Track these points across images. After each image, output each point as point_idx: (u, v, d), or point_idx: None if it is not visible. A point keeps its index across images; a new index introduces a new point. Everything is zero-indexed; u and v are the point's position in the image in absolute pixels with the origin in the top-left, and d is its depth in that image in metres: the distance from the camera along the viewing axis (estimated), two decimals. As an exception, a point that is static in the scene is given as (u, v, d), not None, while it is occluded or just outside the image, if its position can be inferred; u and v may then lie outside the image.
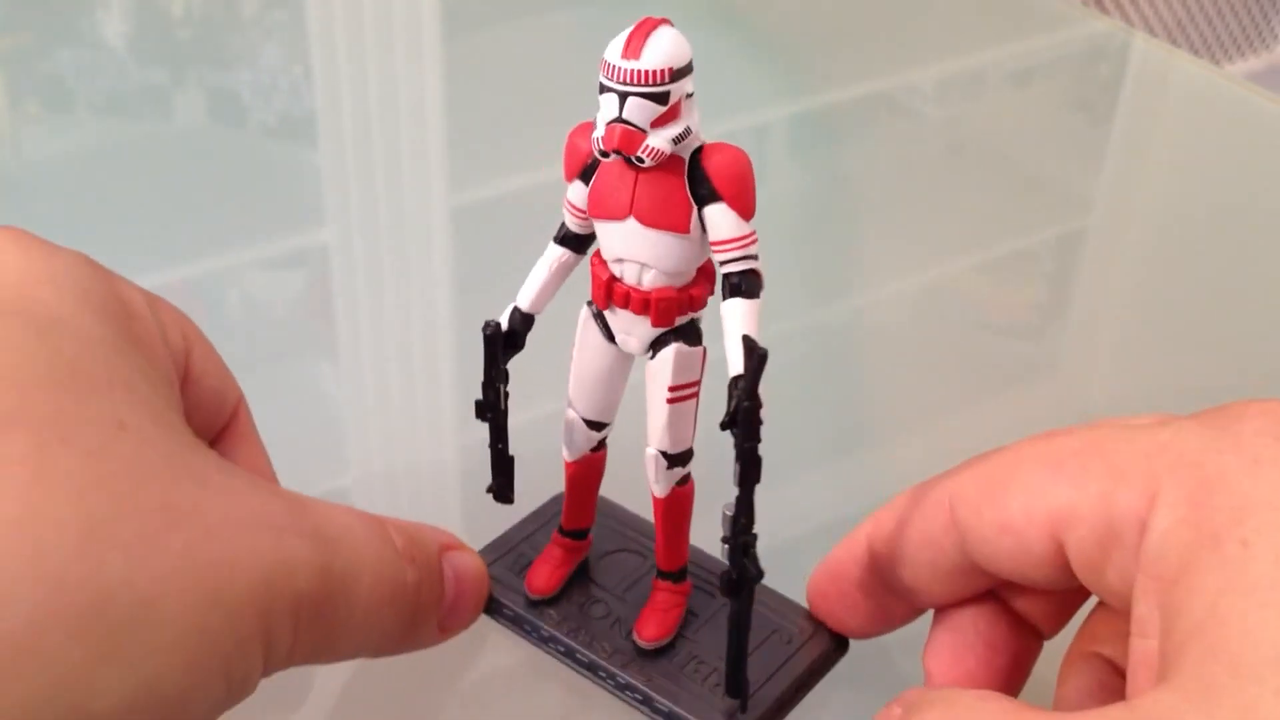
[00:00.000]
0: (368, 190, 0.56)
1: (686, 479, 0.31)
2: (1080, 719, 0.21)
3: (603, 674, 0.31)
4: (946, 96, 0.67)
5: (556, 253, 0.30)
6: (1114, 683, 0.26)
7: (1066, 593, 0.27)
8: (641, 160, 0.26)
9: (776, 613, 0.32)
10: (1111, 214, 0.58)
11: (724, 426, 0.26)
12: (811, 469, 0.42)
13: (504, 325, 0.30)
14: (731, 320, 0.27)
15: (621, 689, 0.31)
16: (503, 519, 0.35)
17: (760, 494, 0.27)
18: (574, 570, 0.33)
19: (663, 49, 0.26)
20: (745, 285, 0.27)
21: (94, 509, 0.22)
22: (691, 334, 0.29)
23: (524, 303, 0.30)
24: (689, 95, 0.27)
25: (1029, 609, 0.27)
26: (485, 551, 0.33)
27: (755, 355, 0.26)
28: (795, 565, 0.32)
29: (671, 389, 0.29)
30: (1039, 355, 0.50)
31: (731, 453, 0.27)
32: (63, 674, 0.21)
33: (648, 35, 0.26)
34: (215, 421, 0.30)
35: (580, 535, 0.33)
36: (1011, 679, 0.27)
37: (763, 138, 0.63)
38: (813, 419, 0.44)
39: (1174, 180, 0.60)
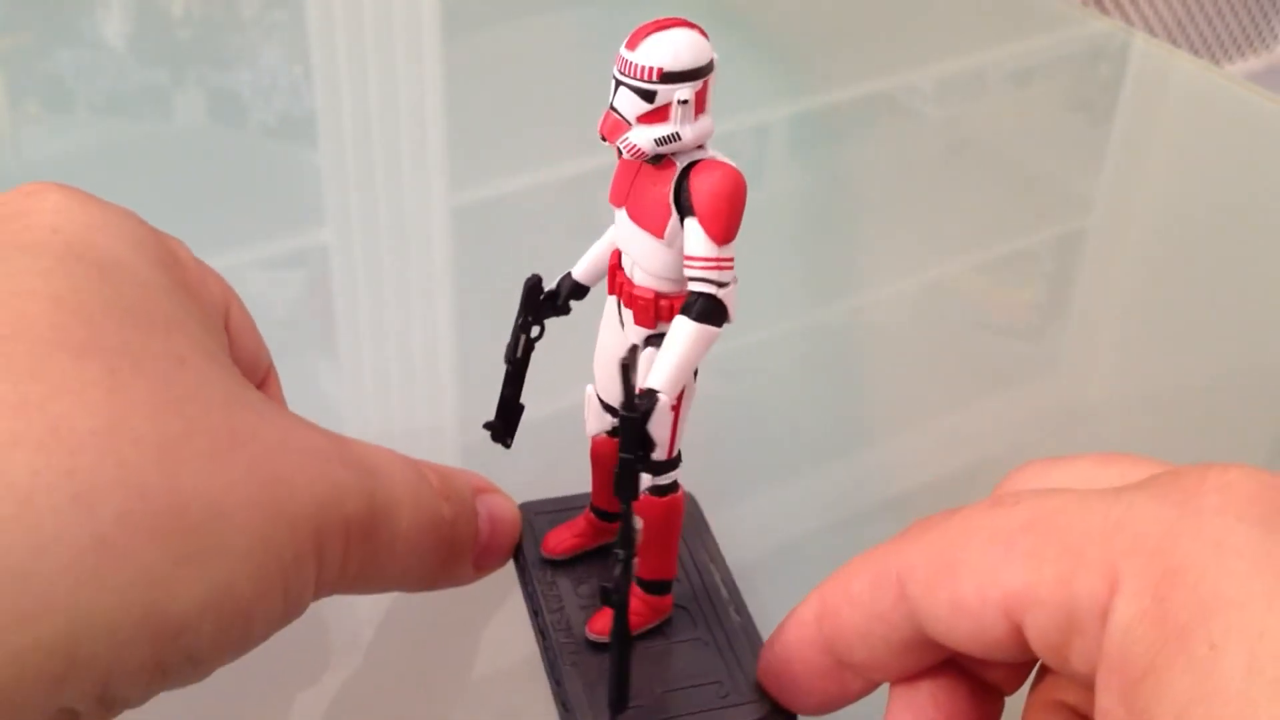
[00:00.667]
0: (368, 190, 0.56)
1: (667, 490, 0.30)
2: None
3: (547, 648, 0.32)
4: (946, 96, 0.67)
5: (612, 231, 0.30)
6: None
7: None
8: (620, 151, 0.27)
9: (735, 663, 0.31)
10: (1111, 214, 0.58)
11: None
12: (811, 469, 0.42)
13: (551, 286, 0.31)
14: (668, 338, 0.27)
15: (551, 666, 0.31)
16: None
17: (760, 494, 0.27)
18: (593, 547, 0.34)
19: (661, 49, 0.26)
20: (697, 308, 0.27)
21: (167, 427, 0.23)
22: None
23: (575, 271, 0.31)
24: (684, 102, 0.26)
25: (988, 673, 0.27)
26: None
27: (628, 367, 0.27)
28: (795, 565, 0.32)
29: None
30: (1039, 355, 0.50)
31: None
32: (145, 573, 0.22)
33: (654, 31, 0.26)
34: (251, 379, 0.31)
35: (605, 516, 0.33)
36: None
37: (763, 138, 0.63)
38: (812, 419, 0.44)
39: (1174, 180, 0.60)
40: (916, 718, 0.26)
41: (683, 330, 0.27)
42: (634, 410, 0.26)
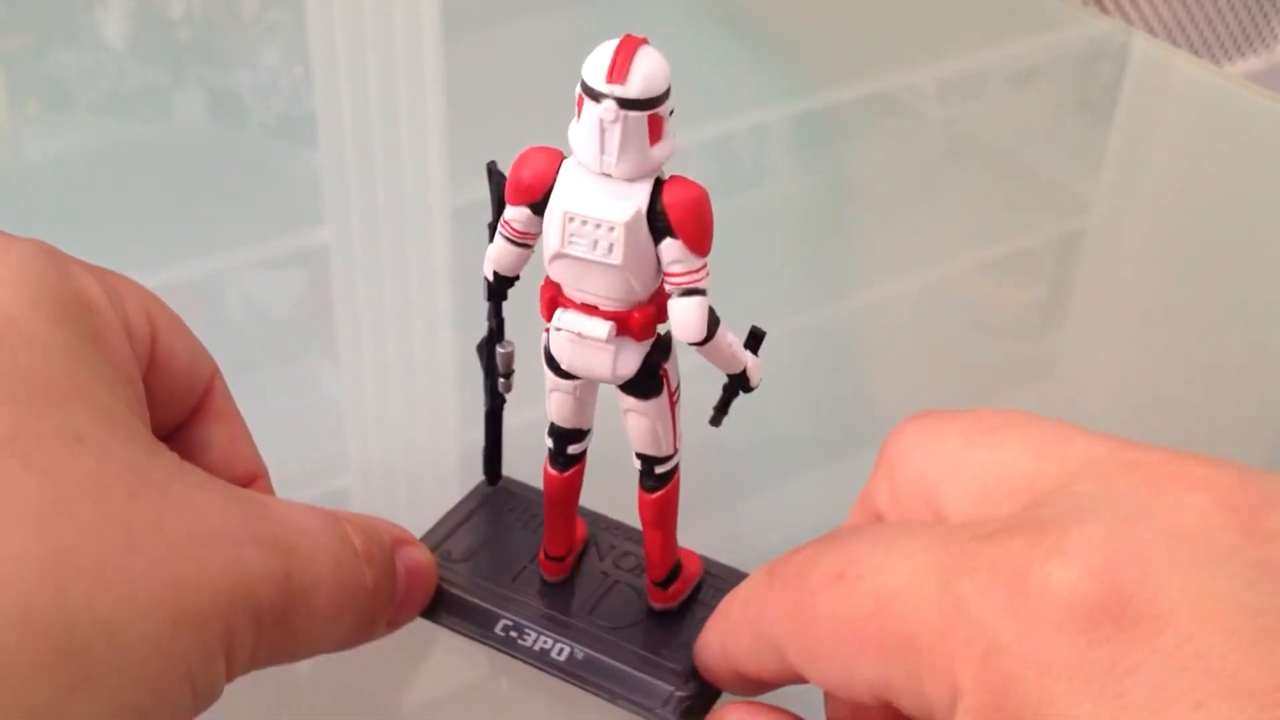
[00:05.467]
0: (367, 190, 0.56)
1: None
2: None
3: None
4: (946, 96, 0.67)
5: None
6: None
7: None
8: None
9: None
10: (1111, 214, 0.58)
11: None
12: (811, 469, 0.42)
13: None
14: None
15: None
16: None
17: (760, 493, 0.27)
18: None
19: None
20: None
21: (55, 536, 0.22)
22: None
23: None
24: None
25: None
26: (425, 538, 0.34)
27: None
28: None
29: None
30: (1039, 355, 0.50)
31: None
32: (33, 708, 0.21)
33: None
34: (187, 400, 0.30)
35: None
36: None
37: (763, 138, 0.63)
38: (812, 419, 0.44)
39: (1174, 180, 0.60)
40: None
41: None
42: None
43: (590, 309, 0.28)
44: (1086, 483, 0.23)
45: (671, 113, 0.26)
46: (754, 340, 0.30)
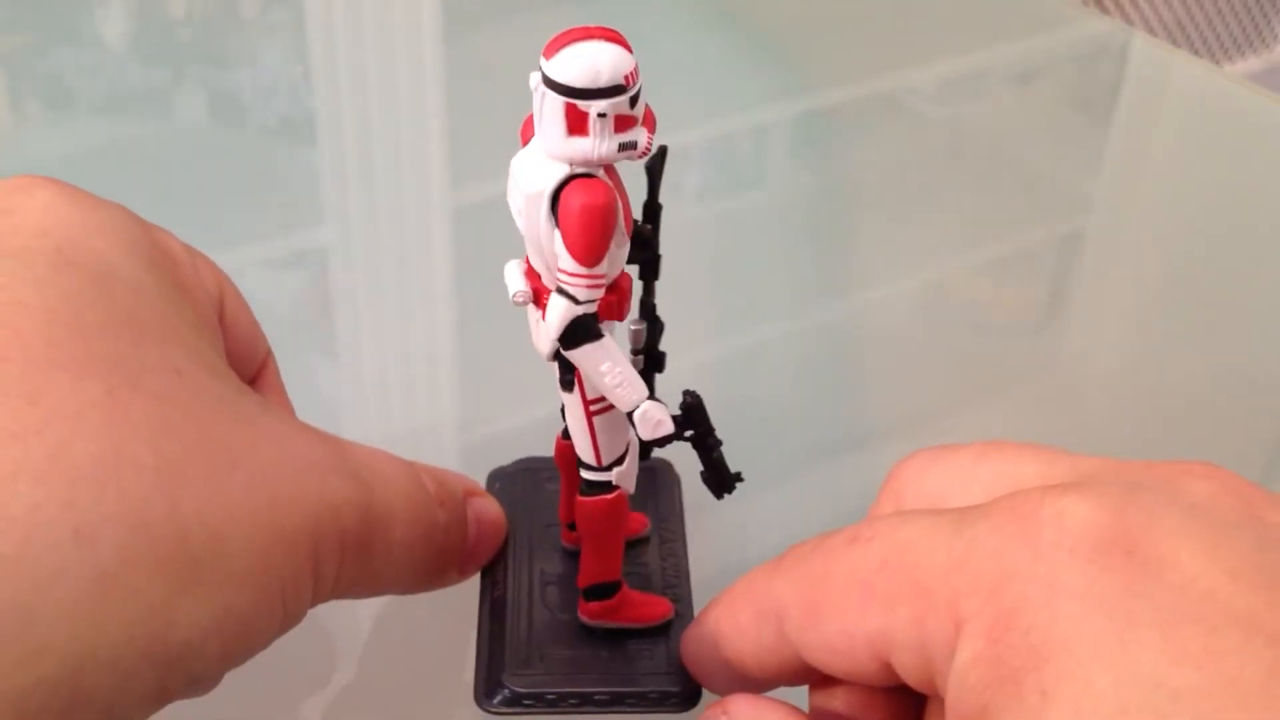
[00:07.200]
0: (368, 190, 0.56)
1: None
2: None
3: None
4: (946, 96, 0.67)
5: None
6: None
7: None
8: (643, 154, 0.27)
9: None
10: (1111, 214, 0.58)
11: None
12: (810, 469, 0.42)
13: None
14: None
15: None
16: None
17: (760, 493, 0.27)
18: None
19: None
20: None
21: (167, 450, 0.23)
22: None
23: None
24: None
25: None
26: None
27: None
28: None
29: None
30: (1039, 355, 0.50)
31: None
32: (147, 606, 0.22)
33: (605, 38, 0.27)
34: (248, 370, 0.31)
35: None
36: None
37: (763, 138, 0.63)
38: (812, 419, 0.44)
39: (1174, 180, 0.60)
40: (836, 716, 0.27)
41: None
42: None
43: (533, 273, 0.28)
44: (1101, 475, 0.24)
45: (606, 119, 0.26)
46: (688, 416, 0.29)
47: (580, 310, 0.27)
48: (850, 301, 0.52)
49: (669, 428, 0.28)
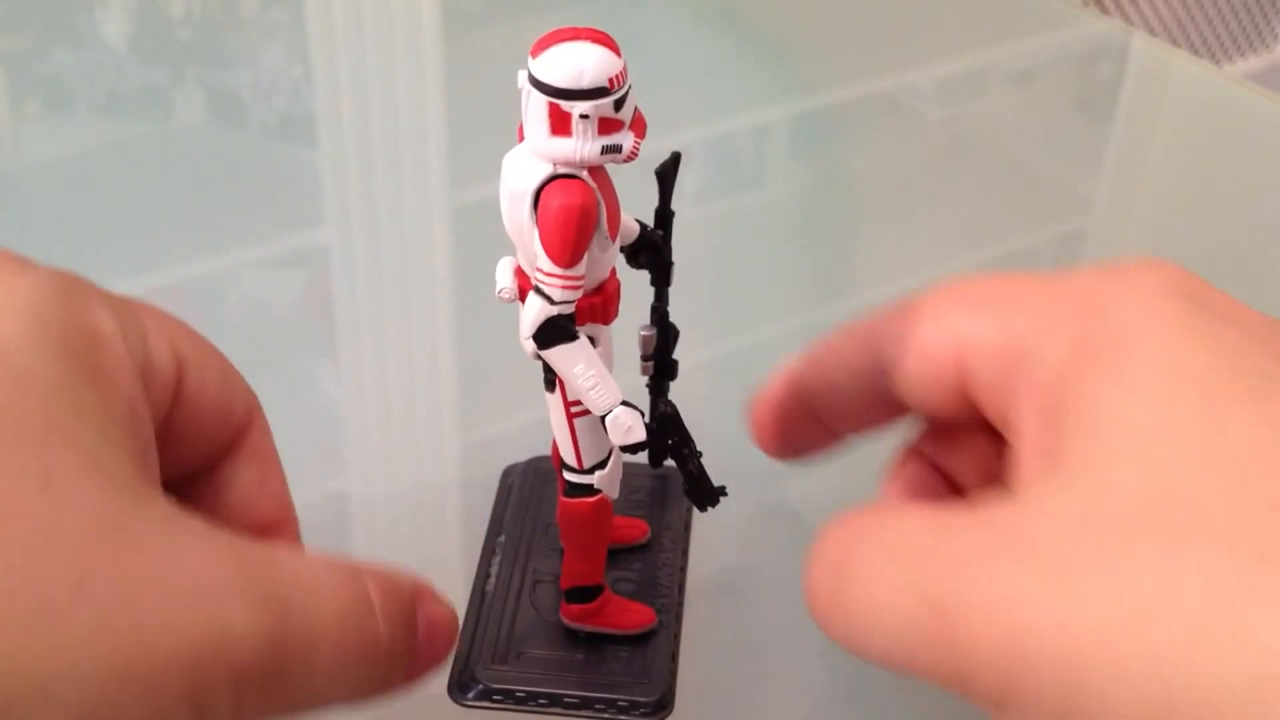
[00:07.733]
0: (367, 190, 0.56)
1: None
2: (980, 509, 0.23)
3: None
4: (946, 96, 0.67)
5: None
6: (934, 480, 0.29)
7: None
8: (629, 158, 0.28)
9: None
10: (1111, 214, 0.58)
11: None
12: (811, 469, 0.42)
13: None
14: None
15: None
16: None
17: (760, 493, 0.27)
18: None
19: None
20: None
21: None
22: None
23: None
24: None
25: (954, 464, 0.29)
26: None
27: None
28: (793, 565, 0.32)
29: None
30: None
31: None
32: None
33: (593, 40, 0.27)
34: (220, 437, 0.29)
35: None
36: None
37: (763, 138, 0.63)
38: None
39: (1174, 180, 0.60)
40: (900, 492, 0.30)
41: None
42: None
43: (521, 271, 0.29)
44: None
45: (589, 120, 0.26)
46: (662, 426, 0.29)
47: (555, 310, 0.27)
48: (850, 301, 0.52)
49: (640, 435, 0.28)
